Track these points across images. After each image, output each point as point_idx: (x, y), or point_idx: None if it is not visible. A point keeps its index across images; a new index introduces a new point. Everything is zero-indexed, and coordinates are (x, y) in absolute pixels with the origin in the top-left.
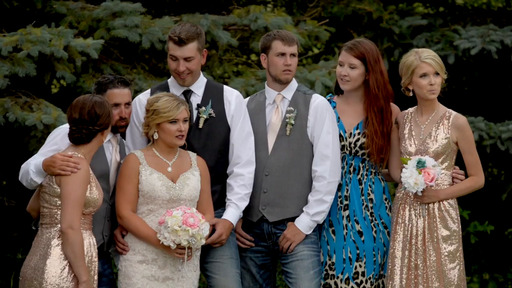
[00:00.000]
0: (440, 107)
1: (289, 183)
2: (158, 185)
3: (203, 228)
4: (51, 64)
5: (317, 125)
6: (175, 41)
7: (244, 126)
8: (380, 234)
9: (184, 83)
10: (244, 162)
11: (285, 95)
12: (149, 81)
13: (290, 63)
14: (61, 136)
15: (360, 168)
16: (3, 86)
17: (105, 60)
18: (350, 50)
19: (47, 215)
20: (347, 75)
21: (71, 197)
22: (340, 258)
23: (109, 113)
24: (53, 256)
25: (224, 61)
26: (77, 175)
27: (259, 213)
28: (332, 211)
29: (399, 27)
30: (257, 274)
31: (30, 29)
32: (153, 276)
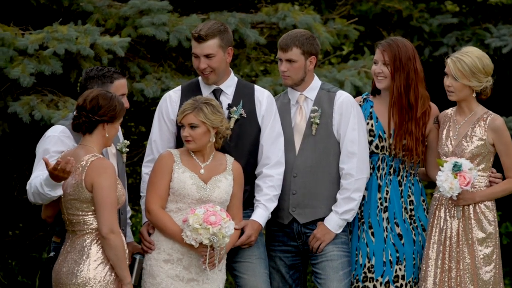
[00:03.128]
0: (479, 108)
1: (318, 183)
2: (189, 183)
3: (226, 227)
4: (77, 62)
5: (342, 122)
6: (195, 38)
7: (274, 127)
8: (419, 237)
9: (208, 82)
10: (274, 163)
11: (307, 95)
12: (176, 79)
13: (282, 69)
14: (52, 146)
15: (400, 169)
16: (29, 84)
17: (132, 58)
18: (383, 47)
19: (79, 222)
20: (381, 72)
21: (108, 201)
22: (380, 261)
23: (115, 107)
24: (94, 262)
25: (251, 60)
26: (109, 178)
27: (289, 215)
28: (372, 213)
29: (429, 26)
30: (287, 274)
31: (57, 26)
32: (177, 276)
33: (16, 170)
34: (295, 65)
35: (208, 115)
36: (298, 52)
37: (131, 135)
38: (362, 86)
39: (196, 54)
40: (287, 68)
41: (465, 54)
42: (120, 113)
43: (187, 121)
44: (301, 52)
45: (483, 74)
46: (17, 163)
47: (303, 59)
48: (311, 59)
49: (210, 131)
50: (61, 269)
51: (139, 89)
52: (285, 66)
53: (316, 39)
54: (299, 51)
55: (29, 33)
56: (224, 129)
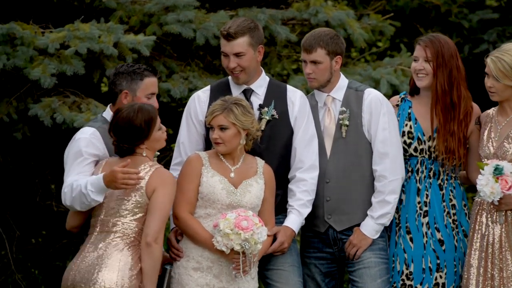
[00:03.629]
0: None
1: (352, 187)
2: (219, 188)
3: (258, 232)
4: (100, 62)
5: (372, 121)
6: (224, 36)
7: (307, 129)
8: (461, 243)
9: (238, 81)
10: (307, 167)
11: (335, 96)
12: (204, 78)
13: (308, 71)
14: (84, 148)
15: (440, 172)
16: (50, 85)
17: (157, 57)
18: (425, 43)
19: (116, 224)
20: (423, 69)
21: (164, 211)
22: (419, 268)
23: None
24: (122, 267)
25: (282, 58)
26: (172, 189)
27: (325, 222)
28: (410, 217)
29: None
30: (322, 282)
31: (78, 24)
32: (207, 285)
33: (38, 175)
34: (320, 67)
35: (238, 116)
36: (322, 53)
37: None
38: (398, 84)
39: (225, 53)
40: (312, 70)
41: (505, 53)
42: (150, 125)
43: (216, 122)
44: (326, 53)
45: None
46: (39, 168)
47: (328, 60)
48: (337, 59)
49: (240, 133)
50: (80, 269)
51: (166, 89)
52: (310, 68)
53: (341, 37)
54: (324, 51)
55: (49, 31)
56: (254, 131)
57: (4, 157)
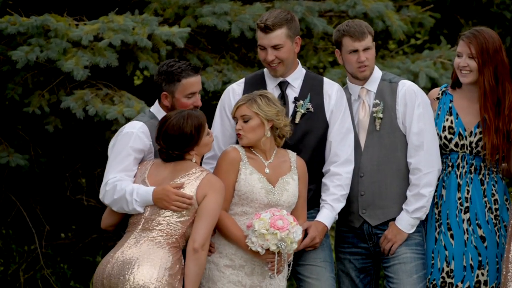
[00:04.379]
0: None
1: (387, 181)
2: (258, 187)
3: (294, 232)
4: (134, 54)
5: (407, 114)
6: (261, 28)
7: (344, 122)
8: (503, 239)
9: (276, 74)
10: (342, 161)
11: (369, 88)
12: (239, 71)
13: (363, 59)
14: (132, 142)
15: (481, 167)
16: (83, 78)
17: (192, 50)
18: (468, 39)
19: (161, 223)
20: (466, 66)
21: (213, 216)
22: (460, 266)
23: (187, 135)
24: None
25: (319, 50)
26: (222, 198)
27: (360, 217)
28: (451, 214)
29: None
30: (357, 278)
31: (112, 16)
32: (240, 282)
33: (69, 168)
34: (371, 53)
35: (261, 106)
36: (371, 40)
37: None
38: (438, 77)
39: (262, 46)
40: (365, 57)
41: None
42: (199, 132)
43: (240, 113)
44: (372, 40)
45: None
46: (70, 162)
47: (374, 48)
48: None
49: (264, 124)
50: (118, 262)
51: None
52: (364, 56)
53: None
54: (371, 38)
55: (83, 23)
56: (282, 125)
57: (36, 150)
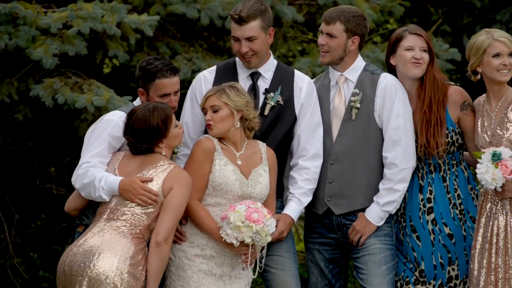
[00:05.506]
0: (509, 91)
1: (356, 172)
2: (233, 179)
3: (268, 224)
4: (103, 42)
5: (385, 107)
6: (236, 20)
7: (313, 116)
8: (470, 230)
9: (249, 66)
10: (311, 155)
11: (348, 76)
12: (208, 60)
13: (322, 43)
14: (110, 129)
15: (440, 165)
16: (51, 66)
17: (161, 38)
18: (418, 32)
19: (125, 214)
20: (421, 58)
21: (178, 210)
22: (430, 265)
23: (154, 127)
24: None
25: (288, 39)
26: (188, 192)
27: (324, 205)
28: (414, 215)
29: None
30: (326, 268)
31: (81, 4)
32: (210, 271)
33: (38, 157)
34: (334, 41)
35: (231, 96)
36: (341, 28)
37: None
38: None
39: (236, 37)
40: (325, 41)
41: (498, 30)
42: (167, 124)
43: (209, 103)
44: (344, 29)
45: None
46: (39, 150)
47: (344, 37)
48: (354, 39)
49: (233, 115)
50: (80, 251)
51: None
52: (324, 39)
53: (366, 20)
54: (342, 27)
55: (52, 11)
56: (251, 116)
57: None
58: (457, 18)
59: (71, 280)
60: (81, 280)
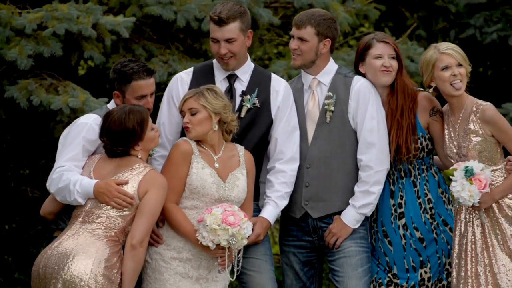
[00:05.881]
0: (468, 101)
1: (332, 175)
2: (210, 182)
3: (245, 227)
4: (79, 43)
5: (359, 110)
6: (215, 21)
7: (290, 120)
8: (441, 234)
9: (228, 68)
10: (288, 159)
11: (321, 80)
12: (184, 62)
13: (294, 47)
14: (84, 133)
15: (411, 170)
16: (26, 67)
17: (137, 40)
18: (386, 40)
19: (100, 216)
20: (390, 66)
21: (153, 213)
22: (402, 269)
23: (130, 130)
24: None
25: (265, 42)
26: (163, 195)
27: (302, 208)
28: (386, 221)
29: (455, 6)
30: (301, 271)
31: (56, 5)
32: (186, 274)
33: (13, 159)
34: (306, 45)
35: (209, 99)
36: (311, 32)
37: None
38: None
39: (215, 39)
40: (297, 45)
41: (444, 43)
42: (143, 127)
43: (187, 106)
44: (315, 33)
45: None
46: (14, 152)
47: (316, 40)
48: (326, 42)
49: (211, 118)
50: (55, 253)
51: None
52: (296, 44)
53: (336, 23)
54: (313, 30)
55: (26, 11)
56: (229, 119)
57: None
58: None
59: (45, 282)
60: (55, 282)
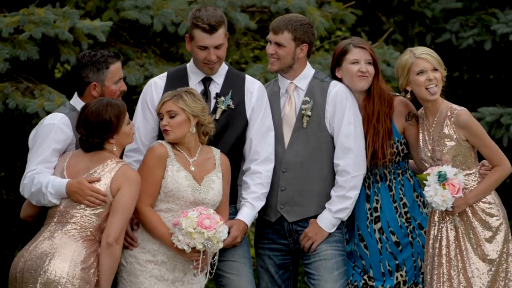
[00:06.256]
0: (443, 105)
1: (309, 179)
2: (185, 185)
3: (220, 231)
4: (55, 47)
5: (336, 115)
6: (206, 30)
7: (264, 120)
8: (417, 237)
9: (212, 72)
10: (263, 159)
11: (298, 84)
12: (161, 66)
13: (271, 52)
14: (52, 134)
15: (386, 174)
16: (3, 70)
17: (113, 44)
18: (362, 45)
19: (75, 216)
20: (366, 72)
21: (127, 210)
22: (378, 272)
23: (107, 121)
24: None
25: (241, 46)
26: (136, 190)
27: (277, 212)
28: (362, 225)
29: (431, 10)
30: (276, 274)
31: (33, 9)
32: (162, 276)
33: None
34: (283, 50)
35: (188, 102)
36: (288, 37)
37: None
38: None
39: (204, 46)
40: (274, 50)
41: (420, 47)
42: (119, 120)
43: (165, 108)
44: (292, 38)
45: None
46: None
47: (293, 45)
48: (303, 47)
49: (190, 120)
50: (32, 256)
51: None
52: (273, 49)
53: (313, 27)
54: (290, 36)
55: (3, 15)
56: (206, 122)
57: None
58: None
59: (22, 286)
60: (32, 287)
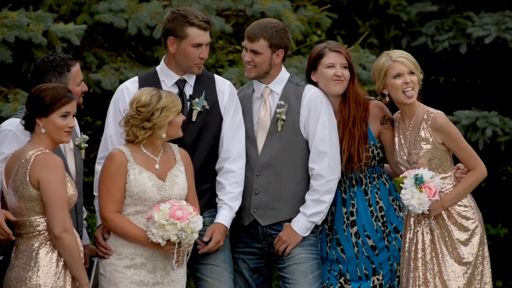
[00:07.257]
0: (420, 108)
1: (282, 183)
2: (149, 185)
3: (194, 221)
4: (29, 51)
5: (311, 119)
6: (202, 27)
7: (235, 118)
8: (393, 241)
9: (200, 71)
10: (235, 157)
11: (273, 89)
12: (136, 69)
13: (248, 60)
14: (9, 139)
15: (362, 178)
16: None
17: (88, 47)
18: (338, 49)
19: (24, 224)
20: (342, 76)
21: (58, 198)
22: (355, 276)
23: (41, 100)
24: (44, 267)
25: (217, 49)
26: (57, 173)
27: (250, 216)
28: (339, 229)
29: (407, 14)
30: (250, 278)
31: (6, 12)
32: (142, 281)
33: None
34: (260, 57)
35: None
36: (264, 44)
37: (87, 129)
38: None
39: (201, 44)
40: (251, 58)
41: (396, 51)
42: (52, 105)
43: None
44: (268, 45)
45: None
46: None
47: (269, 52)
48: (279, 52)
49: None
50: (10, 276)
51: (96, 81)
52: (249, 56)
53: (288, 32)
54: (266, 43)
55: None
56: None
57: None
58: (384, 31)
59: None
60: None
